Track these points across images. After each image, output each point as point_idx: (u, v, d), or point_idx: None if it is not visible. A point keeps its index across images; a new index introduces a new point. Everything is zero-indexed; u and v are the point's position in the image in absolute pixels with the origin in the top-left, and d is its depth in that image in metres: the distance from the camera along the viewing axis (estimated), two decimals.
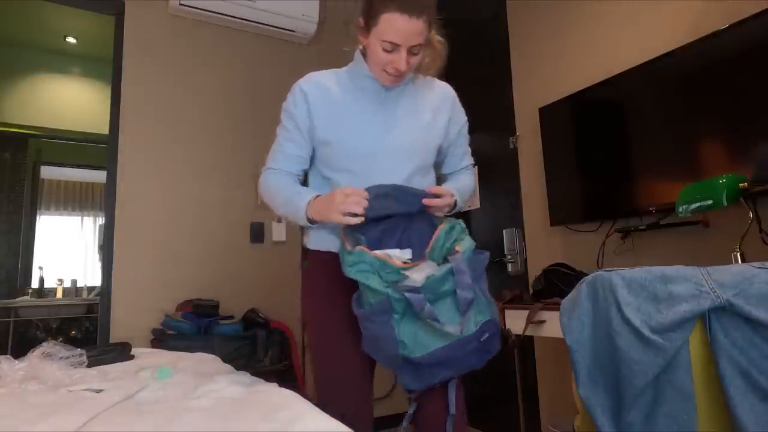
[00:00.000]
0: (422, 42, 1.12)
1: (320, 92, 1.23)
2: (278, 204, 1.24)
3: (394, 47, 1.11)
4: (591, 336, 1.10)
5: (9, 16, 3.71)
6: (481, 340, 1.05)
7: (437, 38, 1.22)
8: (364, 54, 1.22)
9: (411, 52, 1.12)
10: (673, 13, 1.90)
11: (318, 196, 1.17)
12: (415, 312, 1.01)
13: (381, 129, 1.22)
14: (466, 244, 1.11)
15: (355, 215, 1.08)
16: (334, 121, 1.21)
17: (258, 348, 2.30)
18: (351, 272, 1.05)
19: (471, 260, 1.08)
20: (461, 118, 1.37)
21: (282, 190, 1.22)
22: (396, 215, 1.16)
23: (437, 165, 1.40)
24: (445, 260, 1.10)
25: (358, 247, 1.06)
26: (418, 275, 1.05)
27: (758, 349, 0.95)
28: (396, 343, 1.02)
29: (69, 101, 4.25)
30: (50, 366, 1.12)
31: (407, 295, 1.00)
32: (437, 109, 1.30)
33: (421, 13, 1.07)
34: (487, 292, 1.12)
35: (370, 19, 1.12)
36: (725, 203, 1.37)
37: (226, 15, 2.72)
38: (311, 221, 1.16)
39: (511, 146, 2.66)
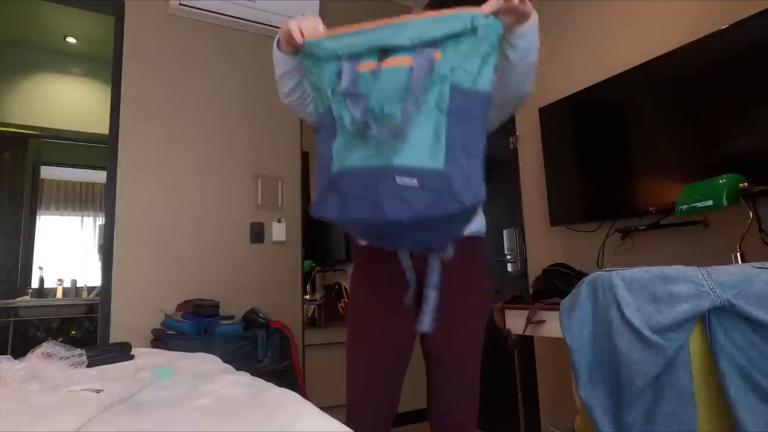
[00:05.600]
0: None
1: None
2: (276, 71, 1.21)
3: None
4: (591, 336, 1.10)
5: (9, 16, 3.70)
6: (398, 182, 0.82)
7: None
8: None
9: None
10: (673, 13, 1.90)
11: None
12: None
13: None
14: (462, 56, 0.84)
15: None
16: None
17: (258, 348, 2.30)
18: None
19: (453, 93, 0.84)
20: None
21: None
22: None
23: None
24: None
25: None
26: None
27: (758, 349, 0.95)
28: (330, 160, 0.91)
29: (69, 101, 4.25)
30: (50, 366, 1.11)
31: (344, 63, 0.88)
32: None
33: None
34: (467, 149, 0.84)
35: None
36: (725, 203, 1.37)
37: (226, 15, 2.72)
38: (285, 51, 1.16)
39: (511, 146, 2.66)
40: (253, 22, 2.79)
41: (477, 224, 1.30)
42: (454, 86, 0.84)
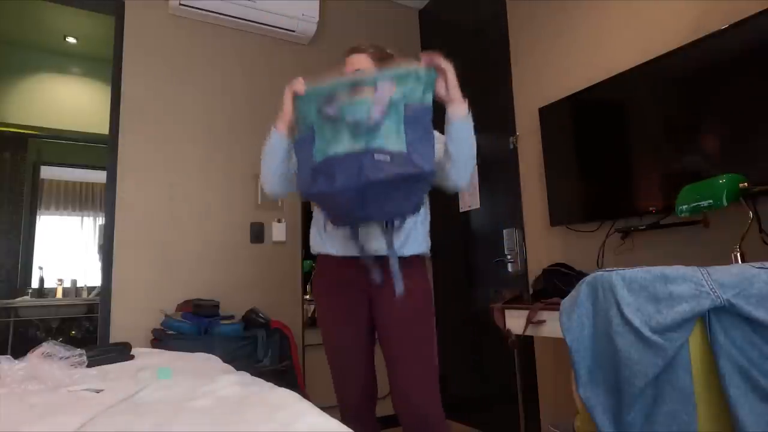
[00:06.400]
0: (368, 66, 1.51)
1: None
2: (265, 158, 1.50)
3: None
4: (591, 336, 1.10)
5: (9, 16, 3.70)
6: (375, 158, 1.18)
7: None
8: None
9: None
10: (673, 13, 1.90)
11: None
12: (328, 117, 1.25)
13: None
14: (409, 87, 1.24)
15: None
16: None
17: (258, 348, 2.30)
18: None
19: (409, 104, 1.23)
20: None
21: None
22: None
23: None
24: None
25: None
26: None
27: (758, 349, 0.95)
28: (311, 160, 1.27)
29: (69, 101, 4.25)
30: (50, 366, 1.12)
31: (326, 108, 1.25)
32: None
33: (362, 51, 1.54)
34: (421, 140, 1.21)
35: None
36: (725, 203, 1.37)
37: (226, 15, 2.72)
38: (281, 132, 1.46)
39: (511, 146, 2.66)
40: (253, 22, 2.79)
41: (420, 246, 1.53)
42: (406, 104, 1.23)
